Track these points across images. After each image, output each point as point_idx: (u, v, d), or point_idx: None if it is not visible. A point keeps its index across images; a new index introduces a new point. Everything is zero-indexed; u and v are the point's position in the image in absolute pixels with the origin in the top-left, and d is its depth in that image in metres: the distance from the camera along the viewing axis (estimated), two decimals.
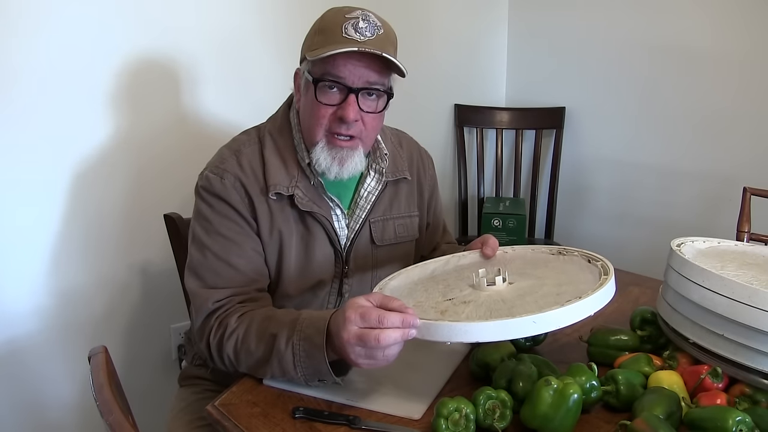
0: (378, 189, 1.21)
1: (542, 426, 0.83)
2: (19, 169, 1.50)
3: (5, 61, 1.44)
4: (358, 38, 1.05)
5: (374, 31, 1.07)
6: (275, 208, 1.13)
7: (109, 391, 0.80)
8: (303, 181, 1.14)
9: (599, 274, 0.99)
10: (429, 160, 1.36)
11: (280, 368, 0.97)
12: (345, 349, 0.89)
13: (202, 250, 1.12)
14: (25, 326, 1.57)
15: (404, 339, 0.87)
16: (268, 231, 1.14)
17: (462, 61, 2.44)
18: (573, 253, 1.12)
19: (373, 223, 1.22)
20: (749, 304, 0.85)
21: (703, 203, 2.09)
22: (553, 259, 1.13)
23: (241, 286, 1.10)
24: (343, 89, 1.07)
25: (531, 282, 1.03)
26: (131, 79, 1.63)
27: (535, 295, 0.97)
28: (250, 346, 1.00)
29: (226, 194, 1.12)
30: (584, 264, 1.06)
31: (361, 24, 1.06)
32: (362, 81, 1.07)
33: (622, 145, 2.29)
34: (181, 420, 1.26)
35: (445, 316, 0.93)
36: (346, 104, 1.07)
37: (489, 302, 0.96)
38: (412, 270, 1.16)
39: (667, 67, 2.12)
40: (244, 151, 1.16)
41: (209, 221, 1.12)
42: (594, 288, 0.91)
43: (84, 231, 1.62)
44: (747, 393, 0.88)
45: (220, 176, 1.13)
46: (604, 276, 0.97)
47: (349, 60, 1.05)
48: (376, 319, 0.87)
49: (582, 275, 1.02)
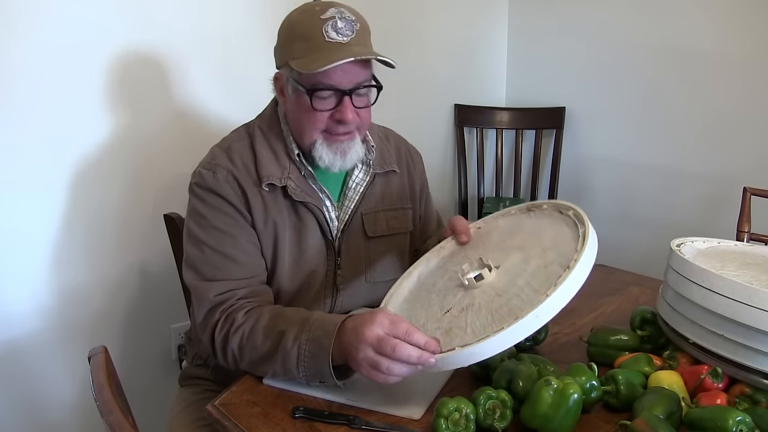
0: (366, 181, 1.23)
1: (542, 426, 0.83)
2: (18, 168, 1.50)
3: (2, 60, 1.44)
4: (341, 40, 1.06)
5: (353, 28, 1.08)
6: (268, 199, 1.15)
7: (109, 391, 0.80)
8: (294, 172, 1.16)
9: (574, 224, 0.99)
10: (417, 155, 1.38)
11: (282, 366, 0.97)
12: (357, 347, 0.89)
13: (198, 245, 1.13)
14: (25, 326, 1.57)
15: (418, 365, 0.87)
16: (263, 222, 1.15)
17: (462, 61, 2.44)
18: (542, 207, 1.11)
19: (365, 215, 1.24)
20: (749, 304, 0.85)
21: (703, 203, 2.09)
22: (526, 219, 1.12)
23: (241, 279, 1.11)
24: (337, 93, 1.09)
25: (515, 258, 1.02)
26: (130, 78, 1.63)
27: (525, 275, 0.96)
28: (257, 342, 1.01)
29: (219, 188, 1.13)
30: (557, 216, 1.06)
31: (339, 24, 1.07)
32: (353, 82, 1.09)
33: (622, 146, 2.29)
34: (182, 420, 1.26)
35: (451, 336, 0.92)
36: (343, 107, 1.09)
37: (486, 301, 0.95)
38: (401, 285, 1.14)
39: (667, 67, 2.12)
40: (234, 146, 1.18)
41: (204, 216, 1.13)
42: (577, 250, 0.91)
43: (84, 231, 1.62)
44: (747, 393, 0.88)
45: (213, 171, 1.14)
46: (581, 227, 0.97)
47: (339, 66, 1.06)
48: (404, 332, 0.87)
49: (560, 232, 1.01)
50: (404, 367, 0.87)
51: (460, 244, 1.16)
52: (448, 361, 0.87)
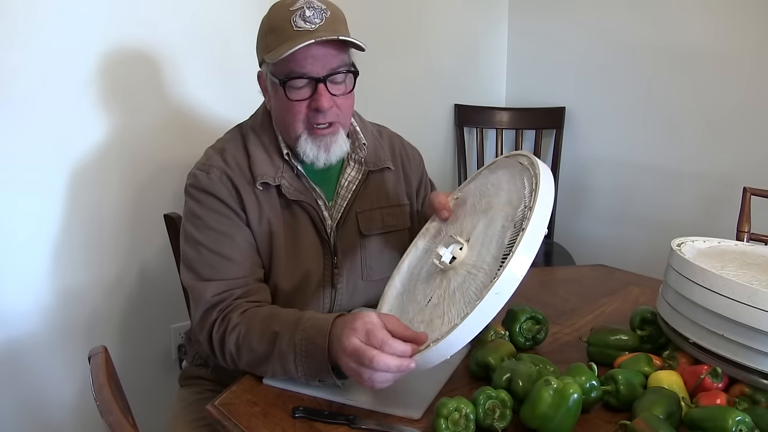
0: (358, 179, 1.23)
1: (542, 426, 0.83)
2: (16, 168, 1.50)
3: (0, 60, 1.44)
4: (309, 27, 1.07)
5: (322, 16, 1.09)
6: (262, 198, 1.16)
7: (109, 391, 0.80)
8: (288, 171, 1.17)
9: (529, 174, 0.95)
10: (413, 150, 1.38)
11: (281, 366, 0.97)
12: (340, 356, 0.90)
13: (195, 246, 1.13)
14: (25, 326, 1.57)
15: (400, 373, 0.85)
16: (257, 221, 1.15)
17: (462, 61, 2.44)
18: (500, 160, 1.09)
19: (359, 213, 1.24)
20: (749, 304, 0.85)
21: (703, 203, 2.08)
22: (490, 176, 1.09)
23: (238, 278, 1.11)
24: (311, 81, 1.10)
25: (481, 225, 0.98)
26: (128, 77, 1.63)
27: (488, 243, 0.92)
28: (252, 343, 1.01)
29: (214, 188, 1.14)
30: (515, 166, 1.02)
31: (307, 13, 1.08)
32: (326, 69, 1.10)
33: (622, 145, 2.29)
34: (182, 420, 1.25)
35: (432, 328, 0.90)
36: (318, 95, 1.10)
37: (459, 283, 0.92)
38: (393, 281, 1.12)
39: (667, 67, 2.12)
40: (227, 147, 1.19)
41: (199, 217, 1.14)
42: (529, 206, 0.87)
43: (84, 231, 1.61)
44: (747, 393, 0.88)
45: (207, 172, 1.16)
46: (533, 175, 0.93)
47: (308, 52, 1.07)
48: (380, 341, 0.86)
49: (515, 184, 0.98)
50: (387, 375, 0.86)
51: (443, 220, 1.14)
52: (427, 360, 0.85)
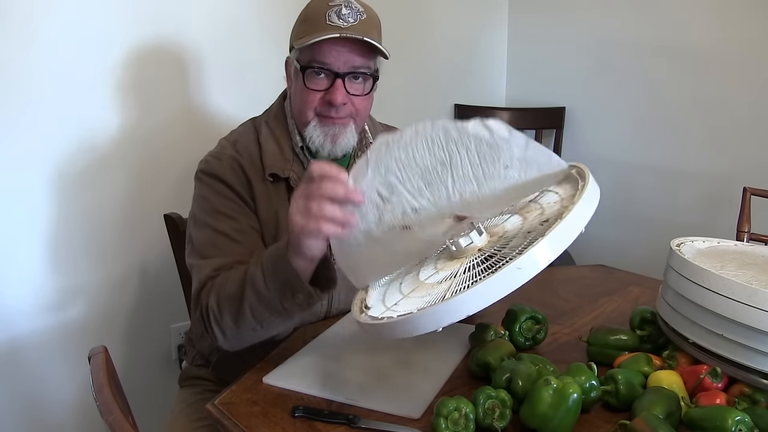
0: None
1: (542, 426, 0.83)
2: (17, 168, 1.50)
3: (9, 55, 1.44)
4: (341, 24, 1.09)
5: (357, 17, 1.11)
6: (272, 190, 1.17)
7: (109, 391, 0.80)
8: (297, 165, 1.19)
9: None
10: None
11: (254, 293, 0.96)
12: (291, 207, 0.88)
13: (201, 227, 1.14)
14: (25, 326, 1.57)
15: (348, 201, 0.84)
16: (265, 211, 1.17)
17: (462, 61, 2.44)
18: None
19: None
20: (749, 304, 0.85)
21: (703, 203, 2.08)
22: None
23: (239, 256, 1.10)
24: (330, 74, 1.11)
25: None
26: (133, 77, 1.63)
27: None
28: (228, 289, 1.00)
29: (224, 174, 1.15)
30: None
31: (344, 11, 1.10)
32: (347, 66, 1.11)
33: (622, 145, 2.29)
34: (182, 421, 1.25)
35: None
36: (334, 89, 1.11)
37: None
38: None
39: (667, 67, 2.12)
40: (240, 139, 1.21)
41: (208, 200, 1.15)
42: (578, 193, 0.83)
43: (84, 230, 1.62)
44: (746, 393, 0.88)
45: (218, 158, 1.18)
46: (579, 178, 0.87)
47: (333, 46, 1.09)
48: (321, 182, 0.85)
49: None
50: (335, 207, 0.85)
51: None
52: (428, 318, 0.75)
